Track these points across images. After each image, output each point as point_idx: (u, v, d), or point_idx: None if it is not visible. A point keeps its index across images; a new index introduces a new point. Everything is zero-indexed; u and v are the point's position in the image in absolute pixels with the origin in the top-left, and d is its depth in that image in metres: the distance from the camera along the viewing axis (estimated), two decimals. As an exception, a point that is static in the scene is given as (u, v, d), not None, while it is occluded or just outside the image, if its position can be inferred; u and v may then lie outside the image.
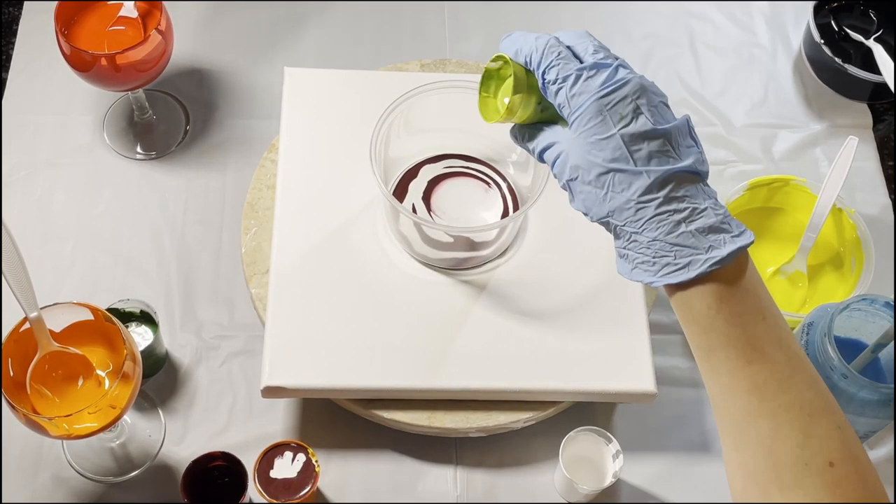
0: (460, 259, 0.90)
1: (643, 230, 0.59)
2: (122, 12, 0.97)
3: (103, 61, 0.92)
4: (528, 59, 0.64)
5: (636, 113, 0.60)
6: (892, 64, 1.06)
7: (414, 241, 0.89)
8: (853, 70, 1.08)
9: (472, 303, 0.89)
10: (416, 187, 0.94)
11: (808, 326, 0.83)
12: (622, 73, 0.61)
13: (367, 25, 1.15)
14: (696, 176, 0.60)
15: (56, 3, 0.94)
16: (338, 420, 0.91)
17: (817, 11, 1.11)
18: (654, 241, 0.59)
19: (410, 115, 0.89)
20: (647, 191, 0.59)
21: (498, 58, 0.67)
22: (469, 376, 0.85)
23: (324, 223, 0.91)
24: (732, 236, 0.59)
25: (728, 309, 0.59)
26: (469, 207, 0.93)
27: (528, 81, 0.64)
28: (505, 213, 0.93)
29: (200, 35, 1.12)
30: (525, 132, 0.66)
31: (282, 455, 0.83)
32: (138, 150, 1.05)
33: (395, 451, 0.91)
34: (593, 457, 0.88)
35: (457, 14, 1.16)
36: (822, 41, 1.09)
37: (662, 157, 0.60)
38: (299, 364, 0.85)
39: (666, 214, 0.59)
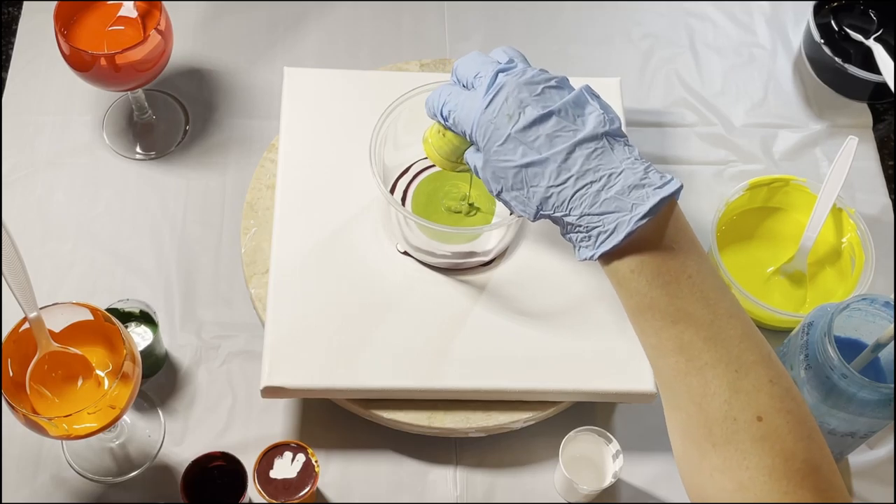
0: (460, 260, 0.90)
1: (570, 210, 0.62)
2: (122, 12, 0.97)
3: (103, 61, 0.92)
4: (432, 114, 0.70)
5: (522, 107, 0.63)
6: (892, 64, 1.06)
7: (413, 242, 0.89)
8: (853, 70, 1.08)
9: (472, 303, 0.89)
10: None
11: (808, 326, 0.83)
12: (500, 78, 0.64)
13: (367, 25, 1.15)
14: (604, 138, 0.62)
15: (55, 3, 0.93)
16: (338, 420, 0.91)
17: (817, 11, 1.11)
18: (581, 216, 0.61)
19: (410, 115, 0.89)
20: (559, 172, 0.61)
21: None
22: (469, 376, 0.85)
23: (324, 223, 0.91)
24: (655, 188, 0.60)
25: (649, 270, 0.60)
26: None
27: (437, 142, 0.73)
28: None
29: (200, 35, 1.12)
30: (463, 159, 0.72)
31: (281, 455, 0.83)
32: (138, 150, 1.05)
33: (395, 451, 0.91)
34: (593, 457, 0.88)
35: (457, 14, 1.16)
36: (822, 41, 1.09)
37: (562, 133, 0.62)
38: (299, 364, 0.85)
39: (584, 188, 0.61)
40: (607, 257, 0.62)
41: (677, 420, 0.62)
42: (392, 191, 0.93)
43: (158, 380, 0.93)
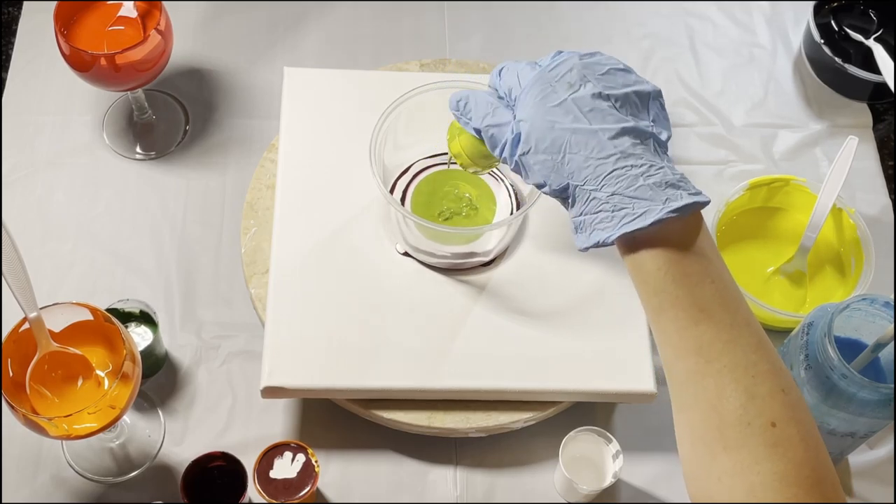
0: (460, 260, 0.90)
1: (602, 186, 0.62)
2: (122, 12, 0.97)
3: (103, 61, 0.92)
4: (490, 83, 0.70)
5: (584, 80, 0.63)
6: (892, 64, 1.06)
7: (412, 243, 0.89)
8: (853, 70, 1.08)
9: (472, 303, 0.89)
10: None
11: (808, 326, 0.83)
12: (564, 54, 0.65)
13: (367, 25, 1.15)
14: (652, 137, 0.63)
15: (55, 3, 0.93)
16: (338, 420, 0.91)
17: (817, 11, 1.11)
18: (613, 195, 0.61)
19: (410, 115, 0.89)
20: (604, 147, 0.62)
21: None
22: (469, 376, 0.85)
23: (324, 223, 0.91)
24: (690, 193, 0.61)
25: (676, 270, 0.61)
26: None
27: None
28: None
29: (200, 35, 1.12)
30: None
31: (281, 455, 0.83)
32: (138, 150, 1.05)
33: (395, 451, 0.91)
34: (593, 457, 0.88)
35: (457, 14, 1.16)
36: (822, 41, 1.09)
37: (616, 115, 0.63)
38: (299, 364, 0.85)
39: (624, 169, 0.61)
40: (631, 247, 0.62)
41: (688, 422, 0.62)
42: (392, 191, 0.93)
43: (158, 380, 0.93)
